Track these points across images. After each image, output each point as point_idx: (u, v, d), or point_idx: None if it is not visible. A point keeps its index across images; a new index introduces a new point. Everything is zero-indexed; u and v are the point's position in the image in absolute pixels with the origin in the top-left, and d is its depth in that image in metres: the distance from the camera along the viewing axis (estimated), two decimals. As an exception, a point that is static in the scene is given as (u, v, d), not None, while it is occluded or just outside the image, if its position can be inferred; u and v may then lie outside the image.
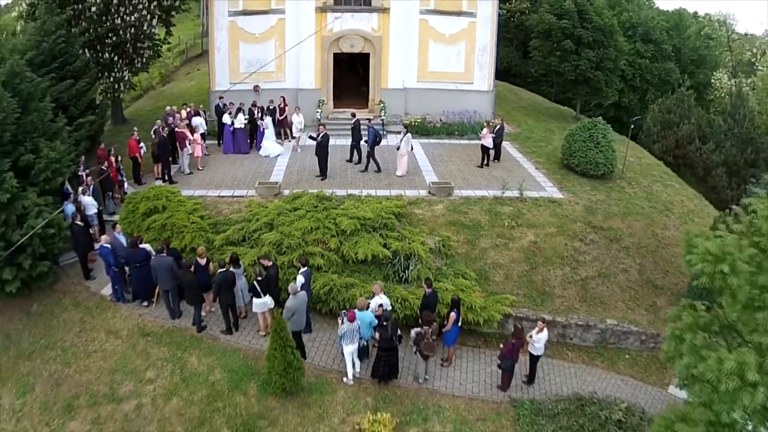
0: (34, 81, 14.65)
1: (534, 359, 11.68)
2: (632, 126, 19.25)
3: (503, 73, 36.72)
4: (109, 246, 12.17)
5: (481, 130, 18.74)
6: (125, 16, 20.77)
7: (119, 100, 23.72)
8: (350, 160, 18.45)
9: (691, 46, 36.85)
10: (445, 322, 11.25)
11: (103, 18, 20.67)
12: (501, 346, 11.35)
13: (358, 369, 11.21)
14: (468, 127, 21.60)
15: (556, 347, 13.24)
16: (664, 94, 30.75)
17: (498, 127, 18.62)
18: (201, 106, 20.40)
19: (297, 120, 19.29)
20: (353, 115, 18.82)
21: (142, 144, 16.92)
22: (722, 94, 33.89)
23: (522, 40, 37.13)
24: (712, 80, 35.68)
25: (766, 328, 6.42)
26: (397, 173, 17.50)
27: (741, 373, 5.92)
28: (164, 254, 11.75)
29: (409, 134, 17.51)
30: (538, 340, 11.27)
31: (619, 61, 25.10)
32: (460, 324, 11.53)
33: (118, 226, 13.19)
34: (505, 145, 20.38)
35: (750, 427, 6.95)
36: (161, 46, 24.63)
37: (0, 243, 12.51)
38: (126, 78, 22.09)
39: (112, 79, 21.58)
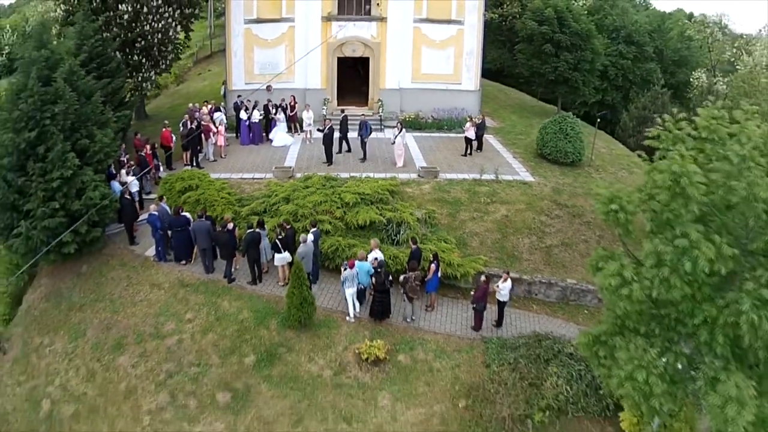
0: (85, 78, 17.62)
1: (501, 305, 14.56)
2: (599, 119, 22.15)
3: (496, 73, 39.69)
4: (157, 213, 15.13)
5: (465, 123, 21.71)
6: (153, 23, 23.83)
7: (144, 98, 26.76)
8: (349, 151, 21.28)
9: (672, 47, 39.83)
10: (427, 272, 14.16)
11: (133, 24, 23.71)
12: (472, 293, 14.23)
13: (357, 309, 14.15)
14: (456, 122, 24.54)
15: (523, 301, 16.12)
16: (646, 93, 33.68)
17: (480, 121, 21.62)
18: (222, 103, 23.40)
19: (307, 116, 22.29)
20: (342, 111, 21.85)
21: (172, 135, 19.92)
22: (699, 92, 36.79)
23: (514, 43, 40.05)
24: (691, 79, 38.57)
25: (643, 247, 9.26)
26: (397, 164, 20.18)
27: (621, 273, 8.79)
28: (203, 219, 14.70)
29: (404, 130, 20.48)
30: (503, 288, 14.15)
31: (595, 63, 28.07)
32: (440, 275, 14.45)
33: (164, 197, 16.14)
34: (488, 137, 23.37)
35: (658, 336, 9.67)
36: (182, 50, 27.71)
37: (61, 212, 15.39)
38: (152, 78, 25.13)
39: (140, 78, 24.61)
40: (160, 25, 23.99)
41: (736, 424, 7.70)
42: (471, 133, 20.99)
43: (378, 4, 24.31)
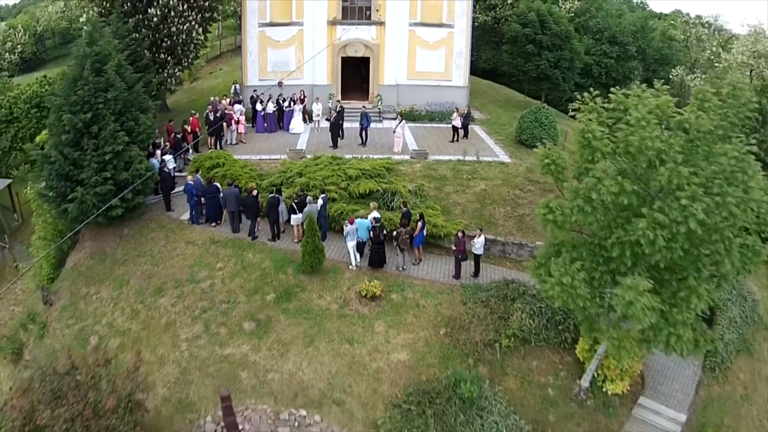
0: (129, 70, 20.97)
1: (477, 258, 17.82)
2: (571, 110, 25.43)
3: (490, 72, 43.05)
4: (192, 183, 18.49)
5: (452, 114, 25.15)
6: (178, 25, 27.24)
7: (167, 92, 30.17)
8: (341, 138, 24.55)
9: (655, 46, 43.27)
10: (415, 229, 17.46)
11: (161, 26, 27.11)
12: (453, 248, 17.49)
13: (358, 260, 17.44)
14: (447, 114, 27.83)
15: (498, 259, 19.36)
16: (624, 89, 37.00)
17: (466, 112, 25.03)
18: (241, 96, 26.85)
19: (316, 108, 25.78)
20: (338, 101, 25.20)
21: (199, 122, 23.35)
22: (673, 88, 40.13)
23: (505, 44, 43.29)
24: (671, 76, 41.89)
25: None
26: (394, 150, 23.57)
27: (548, 204, 12.10)
28: (232, 187, 18.07)
29: (403, 121, 23.96)
30: (477, 242, 17.44)
31: (574, 61, 31.49)
32: (425, 234, 17.74)
33: (199, 170, 19.50)
34: (475, 127, 26.75)
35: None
36: (201, 49, 31.16)
37: (110, 181, 18.64)
38: (176, 74, 28.55)
39: (165, 74, 28.01)
40: (184, 27, 27.39)
41: (635, 306, 10.87)
42: (458, 122, 24.41)
43: (377, 9, 27.81)
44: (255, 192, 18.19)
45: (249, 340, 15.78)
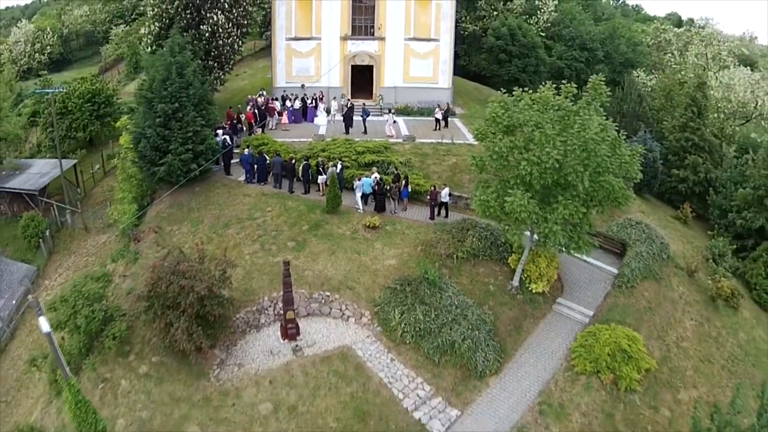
0: (200, 74, 31.28)
1: (445, 205, 27.90)
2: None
3: (479, 75, 53.36)
4: (247, 153, 28.86)
5: (435, 109, 35.52)
6: (224, 39, 37.67)
7: (214, 92, 40.59)
8: (350, 127, 34.94)
9: (621, 51, 53.31)
10: (401, 186, 27.67)
11: (211, 40, 37.53)
12: (428, 197, 27.61)
13: (364, 206, 27.62)
14: (433, 110, 38.15)
15: (462, 210, 29.40)
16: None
17: (446, 108, 35.34)
18: (274, 96, 37.38)
19: (333, 104, 36.16)
20: (348, 100, 35.57)
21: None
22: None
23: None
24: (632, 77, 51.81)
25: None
26: (386, 134, 33.86)
27: (473, 156, 22.22)
28: (277, 156, 28.42)
29: (392, 114, 34.38)
30: (444, 193, 27.54)
31: (539, 66, 41.76)
32: (410, 190, 27.89)
33: (250, 146, 29.86)
34: (455, 120, 37.03)
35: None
36: (237, 56, 41.70)
37: (190, 151, 28.82)
38: (220, 77, 38.98)
39: (212, 77, 38.41)
40: (228, 41, 37.84)
41: (513, 204, 20.66)
42: (439, 115, 34.76)
43: (379, 27, 38.26)
44: (293, 160, 28.47)
45: (291, 252, 25.77)
